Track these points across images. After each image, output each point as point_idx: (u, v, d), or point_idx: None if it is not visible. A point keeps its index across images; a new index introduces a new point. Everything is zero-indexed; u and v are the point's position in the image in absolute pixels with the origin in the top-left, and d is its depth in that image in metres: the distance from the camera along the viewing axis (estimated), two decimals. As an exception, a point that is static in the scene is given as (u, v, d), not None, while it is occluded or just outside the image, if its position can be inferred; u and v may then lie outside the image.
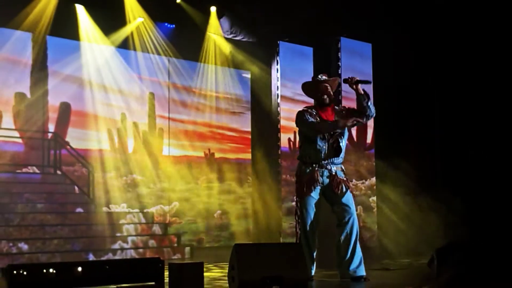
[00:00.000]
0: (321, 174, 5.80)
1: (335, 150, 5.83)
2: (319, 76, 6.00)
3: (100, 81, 11.29)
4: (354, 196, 5.93)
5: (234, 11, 11.84)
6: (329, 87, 5.96)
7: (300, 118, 5.92)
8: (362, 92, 5.87)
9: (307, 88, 6.11)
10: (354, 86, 5.84)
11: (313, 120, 5.85)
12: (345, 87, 6.73)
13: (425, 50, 11.90)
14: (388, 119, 11.51)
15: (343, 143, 5.89)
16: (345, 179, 5.90)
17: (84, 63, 11.09)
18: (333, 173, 5.84)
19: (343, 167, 5.97)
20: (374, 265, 7.56)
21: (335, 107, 6.04)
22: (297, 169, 5.97)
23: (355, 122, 5.87)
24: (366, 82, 5.95)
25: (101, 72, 11.31)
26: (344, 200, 5.81)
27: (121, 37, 11.39)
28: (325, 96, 5.92)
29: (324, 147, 5.81)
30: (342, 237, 5.79)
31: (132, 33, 11.50)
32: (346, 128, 5.95)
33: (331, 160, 5.85)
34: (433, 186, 11.45)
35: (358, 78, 5.85)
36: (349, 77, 5.86)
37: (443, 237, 10.03)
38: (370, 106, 5.86)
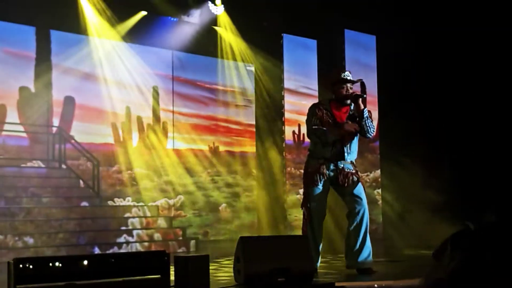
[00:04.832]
0: (327, 167, 5.75)
1: (339, 153, 5.76)
2: (346, 74, 5.85)
3: (104, 74, 11.27)
4: (364, 188, 5.91)
5: (238, 3, 11.80)
6: (350, 88, 5.84)
7: (307, 116, 5.86)
8: (362, 108, 5.74)
9: (334, 78, 5.93)
10: (354, 100, 5.78)
11: (315, 123, 5.73)
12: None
13: (430, 41, 11.85)
14: (392, 110, 11.47)
15: (350, 147, 5.79)
16: (354, 171, 5.84)
17: (88, 57, 11.08)
18: (340, 167, 5.77)
19: (353, 161, 5.91)
20: (379, 257, 7.54)
21: (350, 108, 5.88)
22: (305, 161, 5.95)
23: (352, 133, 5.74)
24: (361, 96, 5.78)
25: (105, 65, 11.29)
26: (356, 191, 5.78)
27: (125, 30, 11.39)
28: (344, 95, 5.80)
29: (329, 147, 5.75)
30: (352, 228, 5.78)
31: (135, 27, 11.49)
32: (356, 131, 5.79)
33: (338, 158, 5.79)
34: (440, 176, 11.40)
35: (357, 93, 5.77)
36: (350, 93, 5.78)
37: (451, 227, 9.97)
38: (364, 125, 5.72)
